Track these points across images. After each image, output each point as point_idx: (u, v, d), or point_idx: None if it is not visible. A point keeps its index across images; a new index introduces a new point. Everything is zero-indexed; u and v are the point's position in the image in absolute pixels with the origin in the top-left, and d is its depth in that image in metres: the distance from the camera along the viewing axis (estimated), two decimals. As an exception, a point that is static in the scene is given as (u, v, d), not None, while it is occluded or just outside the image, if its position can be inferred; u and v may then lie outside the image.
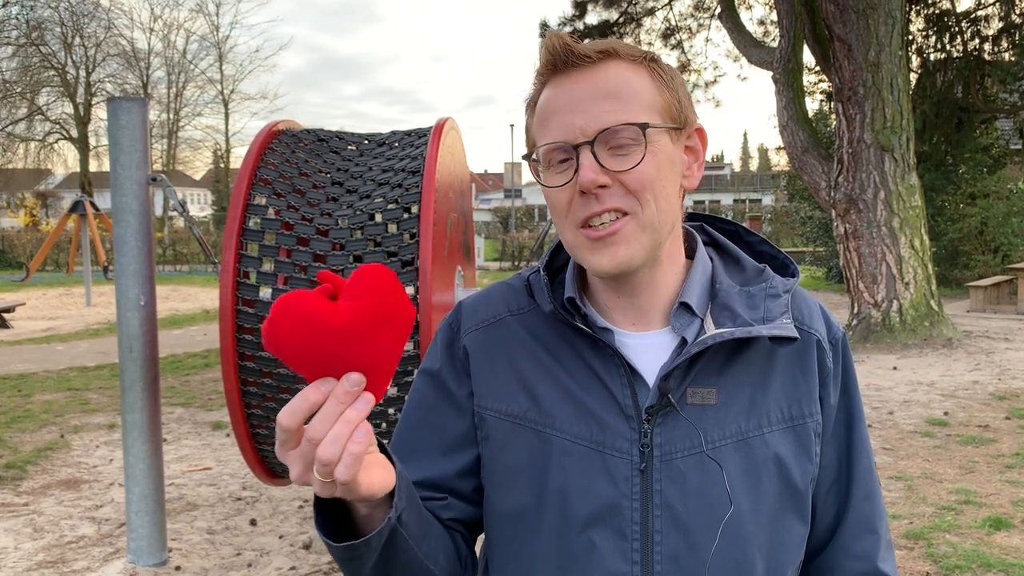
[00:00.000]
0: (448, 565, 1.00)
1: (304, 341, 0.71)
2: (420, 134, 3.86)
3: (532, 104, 1.00)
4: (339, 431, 0.73)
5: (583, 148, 0.92)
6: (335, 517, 0.89)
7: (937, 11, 13.94)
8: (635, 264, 0.95)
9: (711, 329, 0.97)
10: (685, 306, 0.99)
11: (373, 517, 0.87)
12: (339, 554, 0.87)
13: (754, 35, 13.96)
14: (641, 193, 0.93)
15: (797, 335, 0.97)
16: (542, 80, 0.98)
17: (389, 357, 0.75)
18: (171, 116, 40.03)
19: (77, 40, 36.40)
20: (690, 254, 1.05)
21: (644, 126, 0.93)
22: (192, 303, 16.91)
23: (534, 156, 0.98)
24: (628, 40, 9.33)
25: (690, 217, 1.11)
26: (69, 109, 37.55)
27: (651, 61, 0.97)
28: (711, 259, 1.05)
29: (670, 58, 17.64)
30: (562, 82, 0.95)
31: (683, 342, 0.98)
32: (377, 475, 0.82)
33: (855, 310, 10.28)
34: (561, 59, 0.95)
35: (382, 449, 0.88)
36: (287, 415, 0.74)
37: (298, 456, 0.76)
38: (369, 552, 0.86)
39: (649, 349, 0.99)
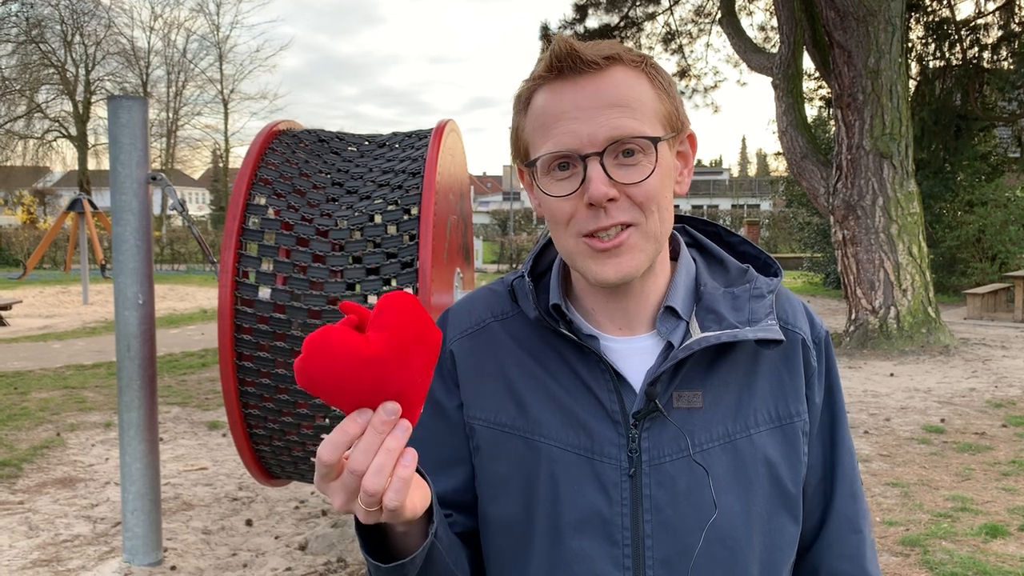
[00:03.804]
0: (472, 574, 1.00)
1: (339, 375, 0.72)
2: (420, 136, 3.85)
3: (524, 105, 0.97)
4: (382, 461, 0.73)
5: (592, 159, 0.90)
6: (369, 539, 0.88)
7: (937, 19, 13.99)
8: (638, 274, 0.95)
9: (696, 332, 0.97)
10: (670, 310, 0.99)
11: (410, 535, 0.86)
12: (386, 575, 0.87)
13: (754, 41, 14.00)
14: (647, 205, 0.92)
15: (783, 338, 0.97)
16: (539, 82, 0.94)
17: (420, 382, 0.76)
18: (170, 115, 40.03)
19: (77, 38, 36.43)
20: (674, 256, 1.05)
21: (656, 139, 0.92)
22: (190, 302, 16.89)
23: (535, 163, 0.95)
24: (629, 44, 9.35)
25: None
26: (68, 107, 37.55)
27: (650, 66, 0.95)
28: (694, 260, 1.05)
29: (670, 63, 17.71)
30: (564, 87, 0.92)
31: (669, 346, 0.98)
32: (417, 496, 0.81)
33: (852, 316, 10.29)
34: (568, 64, 0.91)
35: None
36: (328, 450, 0.74)
37: (340, 487, 0.75)
38: (414, 570, 0.87)
39: (635, 354, 0.99)
